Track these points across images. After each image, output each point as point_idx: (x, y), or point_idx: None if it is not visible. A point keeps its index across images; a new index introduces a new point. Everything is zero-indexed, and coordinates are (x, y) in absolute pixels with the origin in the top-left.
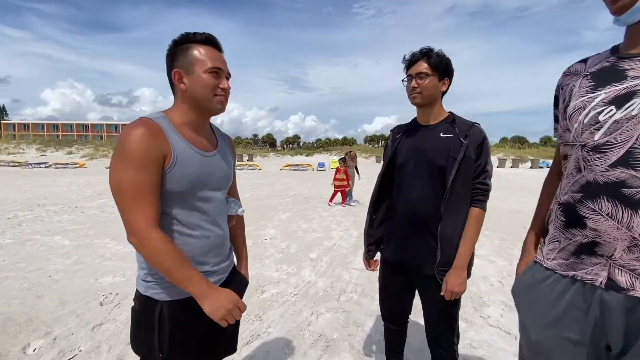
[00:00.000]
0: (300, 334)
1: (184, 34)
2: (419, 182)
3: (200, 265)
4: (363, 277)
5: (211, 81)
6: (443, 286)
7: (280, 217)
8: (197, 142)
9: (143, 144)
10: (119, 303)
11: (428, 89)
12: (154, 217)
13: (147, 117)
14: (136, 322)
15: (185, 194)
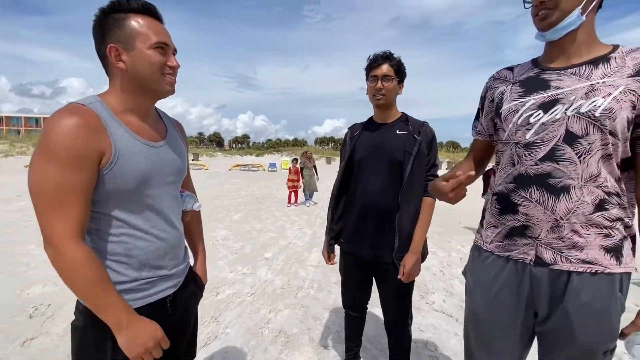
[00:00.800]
0: (260, 331)
1: (114, 0)
2: (378, 176)
3: (156, 269)
4: (319, 273)
5: (158, 58)
6: (400, 269)
7: (232, 218)
8: (143, 132)
9: (73, 137)
10: (53, 314)
11: (390, 91)
12: (78, 228)
13: (80, 102)
14: (81, 340)
15: (132, 193)
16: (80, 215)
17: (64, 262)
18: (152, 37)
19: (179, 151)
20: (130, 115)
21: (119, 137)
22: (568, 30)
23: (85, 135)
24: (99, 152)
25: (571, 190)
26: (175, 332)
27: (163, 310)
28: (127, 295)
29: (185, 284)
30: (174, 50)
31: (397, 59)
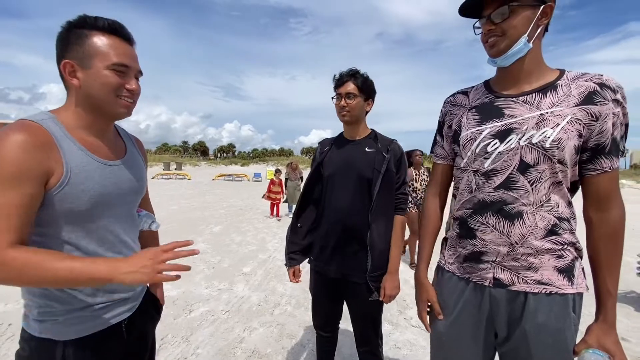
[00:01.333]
0: (232, 352)
1: (82, 16)
2: (347, 193)
3: (110, 294)
4: (298, 289)
5: (114, 80)
6: (381, 291)
7: (212, 230)
8: (98, 150)
9: (18, 155)
10: (14, 335)
11: (355, 109)
12: (14, 239)
13: (30, 119)
14: None
15: (85, 214)
16: (16, 228)
17: (9, 270)
18: (112, 57)
19: (137, 170)
20: (84, 132)
21: (72, 155)
22: (517, 57)
23: (31, 152)
24: (46, 170)
25: (524, 215)
26: (131, 356)
27: (118, 334)
28: (79, 323)
29: (141, 307)
30: (137, 72)
31: (363, 76)
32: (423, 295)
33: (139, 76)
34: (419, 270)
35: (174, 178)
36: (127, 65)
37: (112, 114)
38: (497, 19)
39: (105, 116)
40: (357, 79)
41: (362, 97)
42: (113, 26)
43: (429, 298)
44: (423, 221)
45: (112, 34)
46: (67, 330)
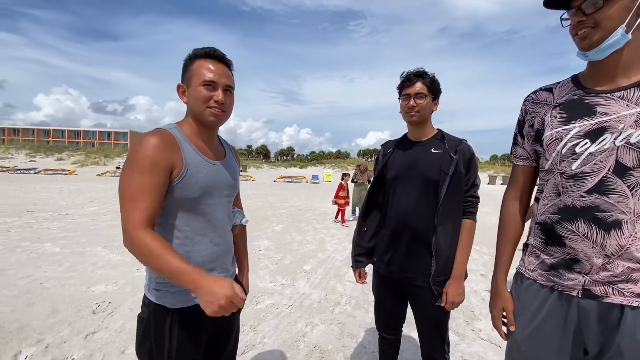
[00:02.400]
0: (295, 344)
1: (193, 50)
2: (412, 195)
3: (209, 271)
4: (357, 290)
5: (204, 93)
6: (443, 297)
7: (274, 229)
8: (206, 152)
9: (152, 151)
10: (112, 312)
11: (424, 109)
12: (145, 218)
13: (162, 127)
14: (144, 330)
15: (196, 201)
16: (150, 210)
17: (136, 244)
18: (203, 76)
19: (233, 171)
20: (197, 139)
21: (189, 155)
22: (612, 50)
23: (161, 149)
24: (172, 163)
25: (623, 225)
26: (220, 335)
27: None
28: (184, 296)
29: None
30: (225, 87)
31: (431, 75)
32: (499, 302)
33: (229, 90)
34: (497, 278)
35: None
36: (214, 81)
37: (205, 122)
38: (589, 9)
39: (203, 124)
40: (426, 79)
41: (430, 97)
42: (207, 51)
43: (504, 306)
44: (502, 226)
45: (207, 58)
46: (176, 301)
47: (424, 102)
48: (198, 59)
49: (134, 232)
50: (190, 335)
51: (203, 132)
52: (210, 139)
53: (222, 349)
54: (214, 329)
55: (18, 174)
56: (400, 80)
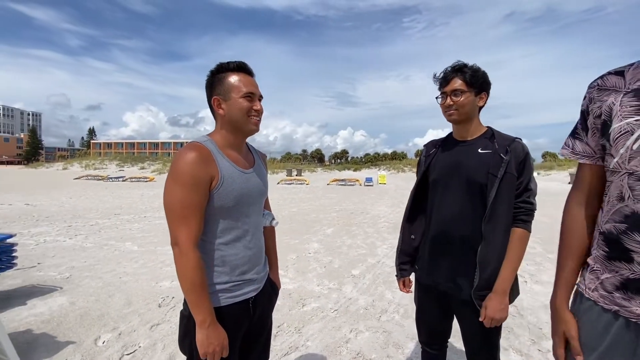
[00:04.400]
0: (338, 350)
1: (219, 64)
2: (455, 200)
3: (242, 274)
4: (407, 298)
5: (246, 104)
6: (482, 311)
7: (325, 232)
8: (238, 161)
9: (193, 167)
10: (175, 306)
11: (464, 106)
12: (195, 236)
13: (197, 141)
14: (185, 327)
15: (231, 209)
16: (197, 227)
17: (184, 262)
18: (243, 88)
19: (262, 177)
20: (229, 149)
21: (223, 166)
22: None
23: (201, 165)
24: (210, 177)
25: None
26: (253, 333)
27: (246, 310)
28: (221, 294)
29: (264, 289)
30: (259, 97)
31: (472, 68)
32: (559, 327)
33: (261, 99)
34: (557, 297)
35: (294, 183)
36: (253, 92)
37: (246, 131)
38: None
39: (242, 134)
40: (465, 74)
41: (472, 92)
42: (240, 65)
43: (566, 332)
44: (564, 236)
45: (239, 72)
46: (214, 300)
47: (462, 99)
48: (232, 72)
49: (189, 252)
50: (227, 331)
51: (235, 142)
52: (241, 147)
53: (254, 346)
54: (249, 327)
55: (110, 182)
56: (436, 78)
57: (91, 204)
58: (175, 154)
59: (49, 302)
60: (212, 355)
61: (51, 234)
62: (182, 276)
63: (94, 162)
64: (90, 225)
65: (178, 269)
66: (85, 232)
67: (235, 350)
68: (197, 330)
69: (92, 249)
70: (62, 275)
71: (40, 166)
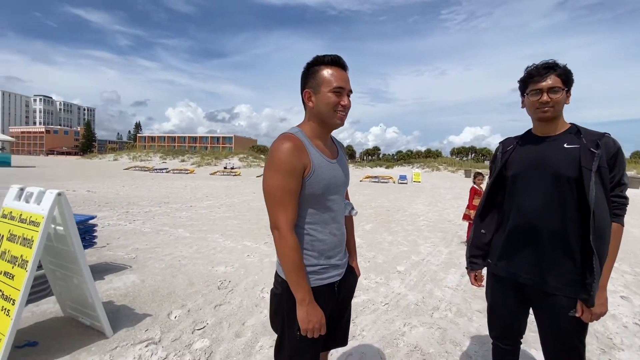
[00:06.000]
0: (394, 342)
1: (315, 57)
2: (539, 193)
3: (328, 259)
4: (457, 297)
5: (333, 99)
6: (579, 306)
7: (364, 228)
8: (325, 151)
9: (290, 156)
10: (232, 289)
11: (559, 103)
12: (293, 220)
13: (290, 132)
14: (277, 304)
15: (320, 197)
16: (293, 211)
17: (284, 244)
18: (333, 83)
19: (345, 168)
20: (317, 140)
21: (314, 156)
22: None
23: (297, 154)
24: (304, 165)
25: None
26: (336, 315)
27: (332, 292)
28: (311, 276)
29: (346, 275)
30: (348, 92)
31: (563, 67)
32: None
33: (350, 94)
34: None
35: None
36: (343, 87)
37: (331, 125)
38: None
39: (327, 127)
40: (559, 71)
41: (564, 90)
42: (334, 59)
43: None
44: None
45: (333, 65)
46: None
47: (558, 96)
48: (325, 66)
49: (288, 235)
50: None
51: (322, 134)
52: (327, 139)
53: (336, 330)
54: (332, 311)
55: (155, 173)
56: (525, 74)
57: (141, 192)
58: (272, 145)
59: (123, 278)
60: (311, 331)
61: (113, 218)
62: (283, 257)
63: (140, 154)
64: (144, 212)
65: (279, 251)
66: (141, 218)
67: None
68: (298, 307)
69: (150, 233)
70: (129, 255)
71: (94, 157)
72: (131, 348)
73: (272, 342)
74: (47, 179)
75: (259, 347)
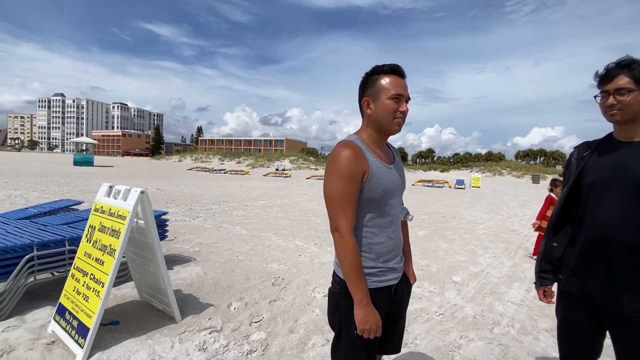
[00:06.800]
0: (450, 354)
1: (374, 66)
2: (618, 204)
3: (386, 262)
4: (522, 313)
5: (392, 106)
6: None
7: (417, 234)
8: (382, 157)
9: (350, 163)
10: (285, 286)
11: (631, 105)
12: (352, 223)
13: (349, 140)
14: (335, 303)
15: (379, 201)
16: (353, 215)
17: (345, 245)
18: (391, 90)
19: (402, 173)
20: (374, 146)
21: (372, 161)
22: None
23: (356, 161)
24: (363, 171)
25: None
26: (392, 320)
27: (389, 295)
28: (369, 278)
29: (402, 279)
30: (407, 98)
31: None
32: None
33: (408, 100)
34: None
35: None
36: (401, 94)
37: (389, 131)
38: None
39: (385, 133)
40: (634, 70)
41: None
42: (393, 68)
43: None
44: None
45: (392, 74)
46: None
47: (628, 98)
48: (384, 74)
49: (348, 237)
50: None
51: (379, 140)
52: (384, 145)
53: (391, 335)
54: (388, 315)
55: (215, 174)
56: (598, 75)
57: (202, 191)
58: (332, 152)
59: (188, 269)
60: (368, 332)
61: (179, 214)
62: (343, 259)
63: (201, 156)
64: (205, 209)
65: (339, 253)
66: (203, 215)
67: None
68: (356, 308)
69: (211, 229)
70: (194, 249)
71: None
72: (197, 334)
73: (324, 340)
74: (123, 178)
75: (311, 344)
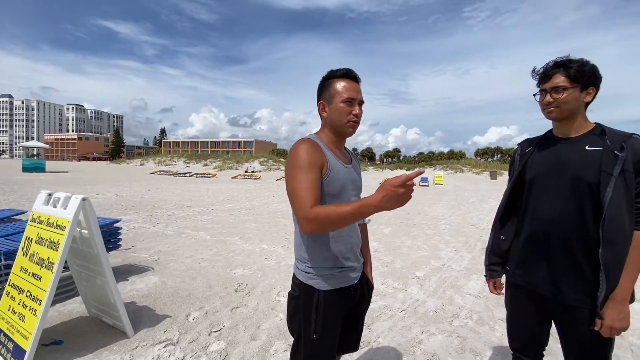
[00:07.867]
0: (411, 350)
1: (329, 71)
2: (557, 200)
3: (345, 260)
4: (479, 305)
5: (346, 109)
6: (598, 320)
7: (383, 231)
8: (340, 157)
9: (308, 152)
10: (249, 292)
11: (567, 103)
12: (313, 201)
13: (308, 137)
14: (294, 306)
15: (337, 197)
16: (314, 195)
17: (315, 219)
18: (344, 94)
19: (359, 174)
20: (332, 146)
21: (330, 158)
22: None
23: (314, 151)
24: (322, 163)
25: None
26: (351, 320)
27: (349, 295)
28: (330, 279)
29: (361, 280)
30: (360, 102)
31: (578, 62)
32: None
33: (361, 104)
34: None
35: None
36: (353, 98)
37: (344, 133)
38: None
39: (341, 135)
40: (569, 69)
41: (576, 87)
42: (346, 72)
43: None
44: None
45: (345, 78)
46: (322, 283)
47: (563, 95)
48: (337, 79)
49: (309, 212)
50: (332, 312)
51: (337, 142)
52: (341, 147)
53: (352, 330)
54: (348, 314)
55: (179, 177)
56: (536, 72)
57: (165, 196)
58: (291, 148)
59: (145, 280)
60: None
61: (138, 221)
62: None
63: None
64: (167, 215)
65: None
66: (164, 221)
67: (336, 334)
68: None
69: (172, 236)
70: (152, 257)
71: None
72: (150, 348)
73: (287, 346)
74: (78, 184)
75: (273, 350)
